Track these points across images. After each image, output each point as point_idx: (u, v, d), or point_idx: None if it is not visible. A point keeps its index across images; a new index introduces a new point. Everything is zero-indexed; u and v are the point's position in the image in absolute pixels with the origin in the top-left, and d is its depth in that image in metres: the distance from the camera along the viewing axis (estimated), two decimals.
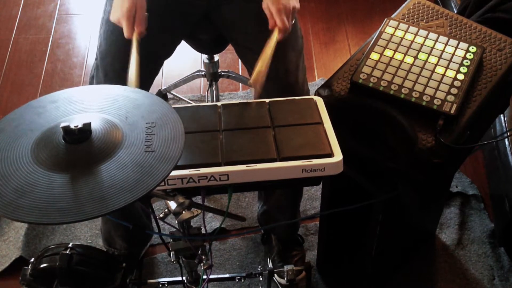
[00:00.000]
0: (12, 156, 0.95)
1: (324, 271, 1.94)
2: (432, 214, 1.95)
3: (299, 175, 1.12)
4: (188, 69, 2.47)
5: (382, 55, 1.37)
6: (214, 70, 2.13)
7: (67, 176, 0.91)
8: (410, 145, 1.27)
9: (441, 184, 1.77)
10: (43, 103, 1.06)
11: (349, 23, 2.90)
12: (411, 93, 1.30)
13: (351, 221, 1.64)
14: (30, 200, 0.88)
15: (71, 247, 1.33)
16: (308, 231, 2.05)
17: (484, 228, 2.04)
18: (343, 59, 2.65)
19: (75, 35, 2.87)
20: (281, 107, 1.25)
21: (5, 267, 1.94)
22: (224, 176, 1.10)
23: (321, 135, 1.18)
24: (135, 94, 1.08)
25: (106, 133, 0.97)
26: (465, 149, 1.30)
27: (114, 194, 0.88)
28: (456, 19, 1.47)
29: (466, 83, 1.31)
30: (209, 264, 1.30)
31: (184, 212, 1.14)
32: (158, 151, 0.95)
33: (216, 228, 2.00)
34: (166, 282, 1.63)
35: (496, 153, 2.06)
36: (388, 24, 1.43)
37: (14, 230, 2.03)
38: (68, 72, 2.67)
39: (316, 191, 2.15)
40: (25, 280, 1.33)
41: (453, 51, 1.37)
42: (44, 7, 3.01)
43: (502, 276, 1.91)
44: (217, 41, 1.86)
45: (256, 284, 1.89)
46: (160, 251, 2.00)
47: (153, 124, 1.00)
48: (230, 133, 1.19)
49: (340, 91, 1.35)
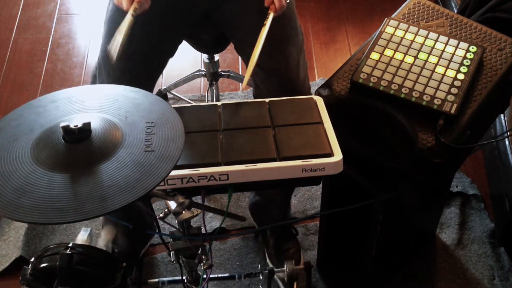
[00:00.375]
0: (12, 156, 0.95)
1: (324, 271, 1.93)
2: (432, 214, 1.95)
3: (299, 175, 1.12)
4: (188, 69, 2.46)
5: (382, 55, 1.37)
6: (214, 70, 2.13)
7: (67, 176, 0.91)
8: (410, 145, 1.27)
9: (441, 184, 1.76)
10: (43, 103, 1.06)
11: (349, 23, 2.90)
12: (411, 93, 1.30)
13: (351, 221, 1.64)
14: (30, 200, 0.88)
15: (72, 246, 1.32)
16: (308, 231, 2.05)
17: (484, 228, 2.04)
18: (343, 59, 2.65)
19: (75, 34, 2.87)
20: (281, 107, 1.25)
21: (5, 266, 1.93)
22: (224, 176, 1.10)
23: (321, 134, 1.18)
24: (134, 94, 1.08)
25: (105, 132, 0.97)
26: (465, 149, 1.30)
27: (114, 194, 0.88)
28: (457, 18, 1.47)
29: (466, 82, 1.31)
30: (209, 263, 1.30)
31: (184, 212, 1.14)
32: (158, 151, 0.95)
33: (216, 228, 2.00)
34: (166, 282, 1.63)
35: (496, 153, 2.06)
36: (388, 24, 1.43)
37: (14, 229, 2.03)
38: (68, 72, 2.67)
39: (316, 191, 2.14)
40: (25, 280, 1.33)
41: (454, 50, 1.37)
42: (44, 7, 3.01)
43: (502, 276, 1.91)
44: (217, 41, 1.86)
45: (256, 283, 1.89)
46: (160, 251, 2.00)
47: (153, 124, 1.00)
48: (230, 133, 1.19)
49: (340, 91, 1.35)
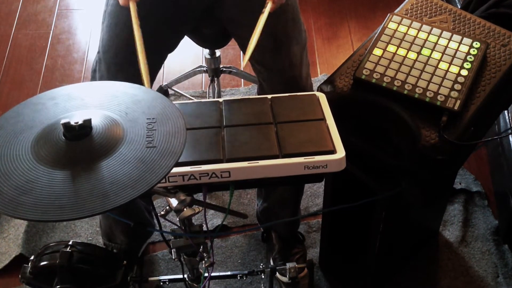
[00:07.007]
0: (12, 154, 0.94)
1: (326, 268, 1.93)
2: (436, 211, 1.95)
3: (302, 172, 1.11)
4: (190, 65, 2.46)
5: (385, 50, 1.36)
6: (216, 66, 2.12)
7: (68, 173, 0.90)
8: (413, 141, 1.26)
9: (445, 181, 1.76)
10: (42, 100, 1.05)
11: (352, 18, 2.89)
12: (414, 89, 1.29)
13: (353, 218, 1.63)
14: (31, 197, 0.87)
15: (72, 244, 1.32)
16: (310, 228, 2.04)
17: (488, 225, 2.03)
18: (346, 55, 2.62)
19: (76, 30, 2.86)
20: (283, 103, 1.24)
21: (5, 264, 1.93)
22: (225, 173, 1.09)
23: (323, 131, 1.17)
24: (134, 90, 1.07)
25: (106, 129, 0.97)
26: (469, 146, 1.29)
27: (115, 191, 0.88)
28: (460, 14, 1.46)
29: (470, 79, 1.30)
30: (210, 261, 1.29)
31: (185, 209, 1.14)
32: (160, 147, 0.95)
33: (217, 225, 1.99)
34: (167, 280, 1.62)
35: (500, 150, 2.06)
36: (391, 19, 1.42)
37: (14, 227, 2.02)
38: (68, 68, 2.66)
39: (319, 188, 2.14)
40: (25, 278, 1.33)
41: (457, 46, 1.36)
42: (44, 2, 2.99)
43: (506, 274, 1.91)
44: (220, 36, 1.85)
45: (258, 281, 1.88)
46: (160, 248, 1.99)
47: (153, 120, 1.00)
48: (231, 130, 1.18)
49: (343, 87, 1.35)
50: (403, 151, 1.29)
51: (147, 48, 1.28)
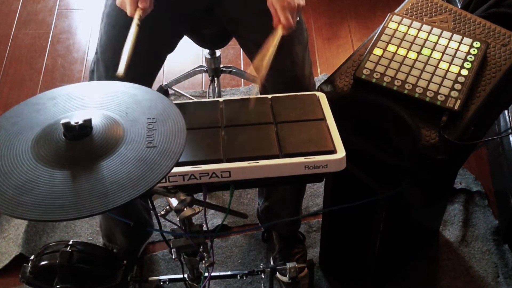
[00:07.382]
0: (12, 154, 0.94)
1: (326, 268, 1.93)
2: (436, 211, 1.94)
3: (302, 172, 1.11)
4: (190, 65, 2.46)
5: (385, 50, 1.36)
6: (216, 66, 2.12)
7: (68, 173, 0.90)
8: (413, 141, 1.26)
9: (445, 181, 1.76)
10: (42, 100, 1.05)
11: (352, 18, 2.89)
12: (414, 89, 1.29)
13: (354, 218, 1.63)
14: (31, 197, 0.87)
15: (72, 244, 1.32)
16: (310, 228, 2.04)
17: (488, 225, 2.03)
18: (346, 55, 2.62)
19: (76, 30, 2.86)
20: (283, 103, 1.24)
21: (5, 264, 1.93)
22: (226, 173, 1.09)
23: (324, 131, 1.17)
24: (135, 90, 1.07)
25: (107, 129, 0.97)
26: (469, 146, 1.29)
27: (115, 191, 0.88)
28: (460, 14, 1.46)
29: (470, 78, 1.30)
30: (210, 261, 1.29)
31: (185, 209, 1.14)
32: (160, 147, 0.95)
33: (217, 225, 1.99)
34: (167, 280, 1.62)
35: (500, 150, 2.05)
36: (391, 19, 1.42)
37: (14, 227, 2.02)
38: (68, 68, 2.66)
39: (319, 188, 2.14)
40: (25, 278, 1.33)
41: (457, 46, 1.36)
42: (44, 2, 2.99)
43: (506, 274, 1.90)
44: (220, 36, 1.85)
45: (258, 281, 1.88)
46: (160, 248, 1.99)
47: (154, 120, 1.00)
48: (232, 129, 1.18)
49: (343, 87, 1.34)
50: (403, 151, 1.29)
51: (146, 49, 1.27)
